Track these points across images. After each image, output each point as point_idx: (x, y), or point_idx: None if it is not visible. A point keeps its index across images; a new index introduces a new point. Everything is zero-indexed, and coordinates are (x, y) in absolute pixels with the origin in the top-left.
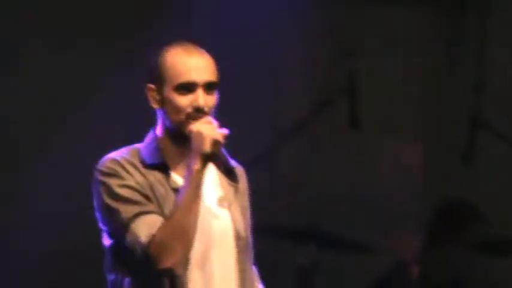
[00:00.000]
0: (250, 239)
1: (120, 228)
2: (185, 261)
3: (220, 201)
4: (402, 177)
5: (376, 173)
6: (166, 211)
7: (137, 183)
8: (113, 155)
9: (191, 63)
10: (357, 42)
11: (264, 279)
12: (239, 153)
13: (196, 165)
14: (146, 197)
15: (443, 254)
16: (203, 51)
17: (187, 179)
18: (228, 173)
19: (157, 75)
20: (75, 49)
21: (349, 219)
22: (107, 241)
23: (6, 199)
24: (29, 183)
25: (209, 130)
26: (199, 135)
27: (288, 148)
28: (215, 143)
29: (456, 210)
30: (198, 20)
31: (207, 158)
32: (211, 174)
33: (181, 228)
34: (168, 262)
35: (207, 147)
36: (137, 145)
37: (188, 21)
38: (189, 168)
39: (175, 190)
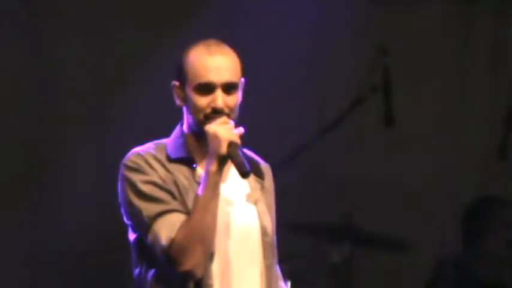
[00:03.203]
0: (274, 237)
1: (142, 226)
2: (206, 260)
3: (247, 198)
4: (439, 174)
5: (412, 170)
6: (190, 204)
7: (161, 178)
8: (139, 149)
9: (210, 64)
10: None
11: (299, 276)
12: (276, 151)
13: (213, 167)
14: (170, 192)
15: (481, 250)
16: (227, 50)
17: (204, 180)
18: (254, 170)
19: (181, 74)
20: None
21: (386, 216)
22: (131, 236)
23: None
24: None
25: (225, 131)
26: (215, 137)
27: (325, 145)
28: (231, 144)
29: (493, 206)
30: (242, 19)
31: (223, 160)
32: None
33: (199, 230)
34: (187, 265)
35: (223, 149)
36: (164, 140)
37: (230, 20)
38: (205, 169)
39: (200, 184)
